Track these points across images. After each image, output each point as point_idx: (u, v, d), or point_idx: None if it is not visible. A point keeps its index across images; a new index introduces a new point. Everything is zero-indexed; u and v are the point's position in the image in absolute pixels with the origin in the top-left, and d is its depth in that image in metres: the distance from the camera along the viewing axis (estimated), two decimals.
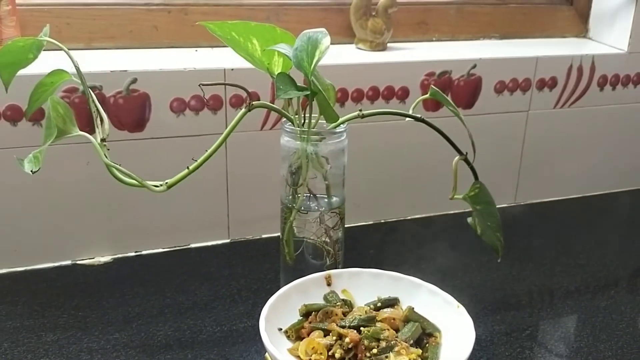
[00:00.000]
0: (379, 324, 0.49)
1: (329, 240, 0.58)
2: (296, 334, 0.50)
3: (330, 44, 0.50)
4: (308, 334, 0.49)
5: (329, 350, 0.47)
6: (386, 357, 0.45)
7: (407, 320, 0.50)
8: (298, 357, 0.48)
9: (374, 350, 0.46)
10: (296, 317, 0.52)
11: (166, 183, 0.52)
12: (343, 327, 0.48)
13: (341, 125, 0.54)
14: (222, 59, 0.70)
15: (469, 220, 0.61)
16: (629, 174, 0.92)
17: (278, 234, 0.61)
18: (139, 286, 0.65)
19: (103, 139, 0.53)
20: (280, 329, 0.50)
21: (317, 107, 0.53)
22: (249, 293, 0.65)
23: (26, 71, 0.55)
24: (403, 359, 0.45)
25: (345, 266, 0.60)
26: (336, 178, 0.57)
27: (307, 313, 0.52)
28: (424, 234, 0.79)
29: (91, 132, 0.53)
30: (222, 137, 0.52)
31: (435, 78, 0.77)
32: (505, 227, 0.61)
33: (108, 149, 0.53)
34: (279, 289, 0.53)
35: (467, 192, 0.60)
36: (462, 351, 0.45)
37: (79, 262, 0.69)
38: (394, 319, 0.50)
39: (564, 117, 0.85)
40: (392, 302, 0.53)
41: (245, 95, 0.67)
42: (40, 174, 0.63)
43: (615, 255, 0.75)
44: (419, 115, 0.57)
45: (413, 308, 0.51)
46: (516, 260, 0.72)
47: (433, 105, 0.77)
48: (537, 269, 0.71)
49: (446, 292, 0.53)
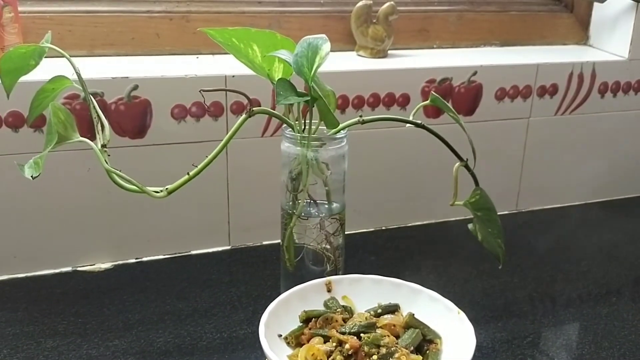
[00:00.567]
0: (379, 331, 0.49)
1: (329, 246, 0.57)
2: (296, 340, 0.50)
3: (330, 50, 0.51)
4: (308, 341, 0.49)
5: (329, 357, 0.46)
6: None
7: (407, 326, 0.50)
8: None
9: (374, 357, 0.46)
10: (296, 323, 0.52)
11: (166, 189, 0.52)
12: (343, 333, 0.48)
13: (341, 131, 0.54)
14: (223, 65, 0.70)
15: (470, 226, 0.61)
16: (630, 181, 0.92)
17: (279, 240, 0.60)
18: (139, 293, 0.65)
19: (104, 145, 0.53)
20: (280, 336, 0.50)
21: (318, 113, 0.53)
22: (249, 300, 0.64)
23: (28, 78, 0.55)
24: None
25: (346, 273, 0.60)
26: (336, 184, 0.57)
27: (307, 319, 0.51)
28: (425, 240, 0.79)
29: (92, 138, 0.53)
30: (222, 143, 0.52)
31: (436, 85, 0.77)
32: (507, 234, 0.60)
33: (109, 155, 0.53)
34: (279, 296, 0.53)
35: (467, 199, 0.59)
36: (462, 358, 0.45)
37: (79, 268, 0.69)
38: (394, 325, 0.50)
39: (565, 124, 0.85)
40: (393, 309, 0.52)
41: (246, 102, 0.68)
42: (41, 180, 0.63)
43: (618, 262, 0.75)
44: (419, 122, 0.57)
45: (413, 314, 0.51)
46: (517, 267, 0.72)
47: (433, 112, 0.77)
48: (538, 276, 0.71)
49: (447, 298, 0.53)
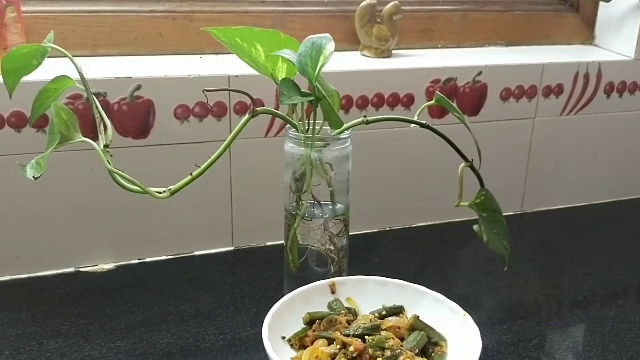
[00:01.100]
0: (383, 333, 0.48)
1: (333, 247, 0.57)
2: (300, 342, 0.50)
3: (334, 50, 0.50)
4: (312, 343, 0.48)
5: (333, 359, 0.46)
6: None
7: (412, 328, 0.49)
8: None
9: (379, 359, 0.45)
10: (300, 325, 0.51)
11: (169, 189, 0.52)
12: (347, 335, 0.48)
13: (345, 131, 0.54)
14: (227, 65, 0.70)
15: (475, 227, 0.61)
16: (636, 182, 0.92)
17: (282, 241, 0.60)
18: (141, 294, 0.65)
19: (106, 145, 0.52)
20: (283, 338, 0.50)
21: (322, 113, 0.53)
22: (252, 301, 0.64)
23: (30, 78, 0.55)
24: None
25: (350, 274, 0.59)
26: (340, 185, 0.57)
27: (310, 321, 0.51)
28: (429, 242, 0.79)
29: (95, 138, 0.53)
30: (225, 143, 0.52)
31: (441, 85, 0.76)
32: (512, 235, 0.60)
33: (111, 155, 0.53)
34: (282, 297, 0.53)
35: (473, 200, 0.59)
36: None
37: (81, 269, 0.69)
38: (399, 327, 0.49)
39: (570, 125, 0.85)
40: (397, 311, 0.52)
41: (249, 102, 0.67)
42: (43, 180, 0.63)
43: (624, 263, 0.74)
44: (424, 122, 0.56)
45: (418, 316, 0.50)
46: (522, 268, 0.72)
47: (438, 112, 0.77)
48: (544, 277, 0.71)
49: (451, 300, 0.52)
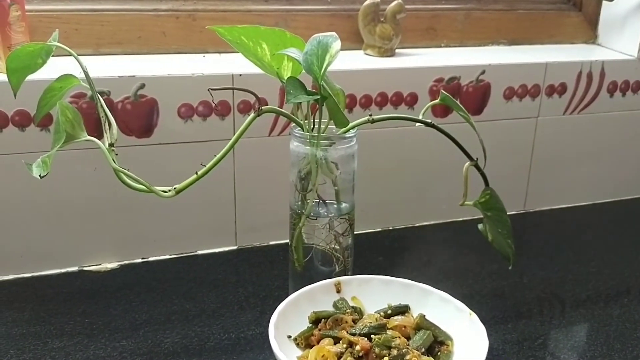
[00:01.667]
0: (389, 332, 0.48)
1: (338, 246, 0.57)
2: (306, 341, 0.50)
3: (340, 48, 0.50)
4: (318, 342, 0.48)
5: (339, 358, 0.46)
6: None
7: (418, 328, 0.49)
8: None
9: (385, 359, 0.45)
10: (305, 324, 0.51)
11: (174, 188, 0.52)
12: (353, 334, 0.48)
13: (351, 130, 0.54)
14: (230, 64, 0.70)
15: (480, 226, 0.61)
16: (639, 181, 0.91)
17: (286, 240, 0.60)
18: (145, 293, 0.65)
19: (111, 144, 0.52)
20: (289, 337, 0.50)
21: (327, 112, 0.53)
22: (257, 300, 0.64)
23: (35, 76, 0.54)
24: None
25: (354, 273, 0.59)
26: (346, 184, 0.57)
27: (316, 320, 0.51)
28: (434, 241, 0.79)
29: (99, 137, 0.53)
30: (231, 142, 0.52)
31: (444, 84, 0.76)
32: (516, 235, 0.60)
33: (116, 154, 0.52)
34: (287, 296, 0.52)
35: (477, 199, 0.59)
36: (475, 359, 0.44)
37: (85, 268, 0.69)
38: (405, 326, 0.49)
39: (573, 124, 0.84)
40: (403, 310, 0.52)
41: (253, 101, 0.67)
42: (47, 179, 0.62)
43: (628, 262, 0.74)
44: (429, 121, 0.56)
45: (424, 315, 0.50)
46: (527, 268, 0.71)
47: (442, 111, 0.77)
48: (548, 276, 0.70)
49: (460, 300, 0.52)
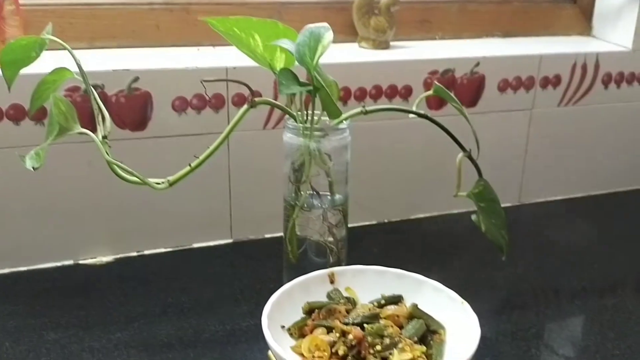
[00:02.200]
0: (382, 321, 0.48)
1: (332, 238, 0.57)
2: (299, 331, 0.50)
3: (332, 39, 0.50)
4: (311, 332, 0.49)
5: (332, 348, 0.46)
6: (390, 354, 0.45)
7: (411, 317, 0.50)
8: (301, 354, 0.47)
9: (378, 347, 0.45)
10: (299, 315, 0.51)
11: (168, 180, 0.52)
12: (346, 324, 0.48)
13: (344, 121, 0.54)
14: (224, 57, 0.70)
15: (473, 217, 0.61)
16: (634, 173, 0.92)
17: (281, 233, 0.60)
18: (141, 286, 0.65)
19: (105, 137, 0.52)
20: (283, 327, 0.50)
21: (320, 103, 0.53)
22: (252, 292, 0.64)
23: (29, 70, 0.54)
24: (407, 355, 0.45)
25: (348, 265, 0.59)
26: (339, 175, 0.57)
27: (310, 310, 0.51)
28: (428, 233, 0.79)
29: (93, 130, 0.53)
30: (224, 134, 0.52)
31: (439, 76, 0.76)
32: (510, 226, 0.60)
33: (110, 147, 0.53)
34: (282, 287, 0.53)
35: (471, 190, 0.59)
36: (467, 348, 0.44)
37: (81, 262, 0.69)
38: (397, 316, 0.49)
39: (568, 116, 0.85)
40: (396, 300, 0.52)
41: (247, 94, 0.67)
42: (42, 173, 0.63)
43: (622, 253, 0.74)
44: (422, 112, 0.56)
45: (417, 305, 0.50)
46: (520, 259, 0.72)
47: (436, 103, 0.77)
48: (542, 267, 0.71)
49: (453, 291, 0.52)
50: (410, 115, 0.57)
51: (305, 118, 0.55)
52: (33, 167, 0.47)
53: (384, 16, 0.78)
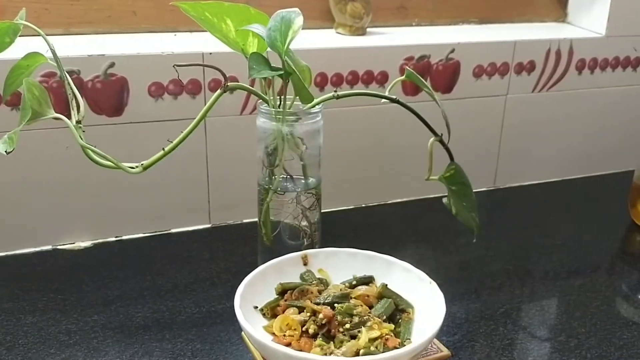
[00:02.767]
0: (353, 301, 0.50)
1: (305, 221, 0.58)
2: (272, 311, 0.51)
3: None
4: (283, 312, 0.50)
5: (303, 327, 0.47)
6: (359, 331, 0.46)
7: (380, 297, 0.51)
8: (273, 333, 0.48)
9: (347, 326, 0.46)
10: (273, 296, 0.52)
11: (142, 164, 0.53)
12: (318, 304, 0.49)
13: (317, 106, 0.55)
14: (201, 43, 0.70)
15: (445, 200, 0.62)
16: (606, 157, 0.94)
17: None
18: (118, 270, 0.65)
19: (79, 121, 0.53)
20: (256, 307, 0.51)
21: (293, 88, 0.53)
22: (228, 275, 0.65)
23: (4, 56, 0.55)
24: (375, 333, 0.46)
25: (323, 247, 0.61)
26: (312, 159, 0.58)
27: (283, 291, 0.52)
28: (404, 217, 0.80)
29: (70, 116, 0.53)
30: (197, 118, 0.52)
31: (414, 62, 0.77)
32: (484, 210, 0.61)
33: (84, 131, 0.53)
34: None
35: (442, 173, 0.60)
36: (433, 326, 0.46)
37: (59, 247, 0.69)
38: (368, 296, 0.50)
39: (542, 101, 0.86)
40: (367, 280, 0.53)
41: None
42: (20, 159, 0.63)
43: (592, 236, 0.76)
44: (394, 97, 0.57)
45: (387, 285, 0.51)
46: (493, 241, 0.73)
47: (412, 89, 0.78)
48: (513, 250, 0.72)
49: (424, 272, 0.53)
50: (383, 100, 0.58)
51: (279, 102, 0.55)
52: (5, 151, 0.48)
53: (360, 2, 0.79)
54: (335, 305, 0.48)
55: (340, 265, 0.55)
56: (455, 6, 0.88)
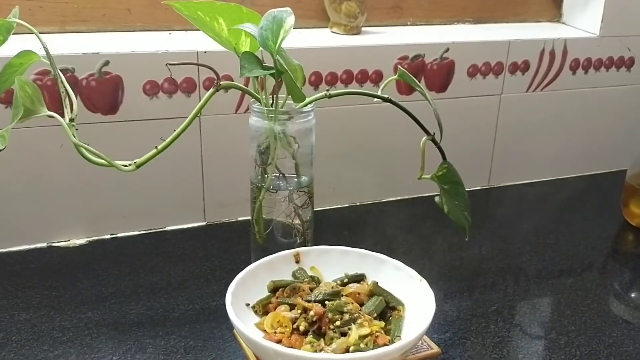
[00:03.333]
0: (343, 298, 0.50)
1: (298, 219, 0.59)
2: (263, 309, 0.51)
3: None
4: (275, 309, 0.50)
5: (294, 324, 0.48)
6: (349, 329, 0.46)
7: (371, 294, 0.51)
8: (264, 331, 0.49)
9: (337, 323, 0.47)
10: (264, 293, 0.53)
11: (135, 162, 0.53)
12: (309, 301, 0.49)
13: (309, 105, 0.55)
14: (195, 42, 0.70)
15: (437, 199, 0.62)
16: (600, 157, 0.94)
17: None
18: (113, 267, 0.66)
19: (72, 119, 0.53)
20: (247, 304, 0.51)
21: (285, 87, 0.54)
22: (222, 273, 0.66)
23: None
24: (365, 330, 0.46)
25: (316, 245, 0.61)
26: (304, 157, 0.58)
27: (275, 289, 0.53)
28: (398, 216, 0.80)
29: (64, 114, 0.53)
30: (190, 116, 0.53)
31: (409, 62, 0.78)
32: (478, 210, 0.62)
33: (77, 129, 0.53)
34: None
35: (435, 172, 0.60)
36: (423, 323, 0.46)
37: (54, 244, 0.70)
38: (359, 293, 0.51)
39: (536, 101, 0.86)
40: (359, 278, 0.54)
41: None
42: (15, 156, 0.63)
43: (584, 235, 0.77)
44: (386, 96, 0.58)
45: (377, 283, 0.52)
46: (486, 240, 0.74)
47: (406, 89, 0.78)
48: (506, 248, 0.73)
49: (416, 271, 0.54)
50: (376, 100, 0.58)
51: (271, 101, 0.56)
52: None
53: (355, 2, 0.79)
54: (326, 302, 0.49)
55: (332, 263, 0.56)
56: (450, 6, 0.88)
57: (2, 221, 0.67)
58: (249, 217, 0.67)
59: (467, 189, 0.59)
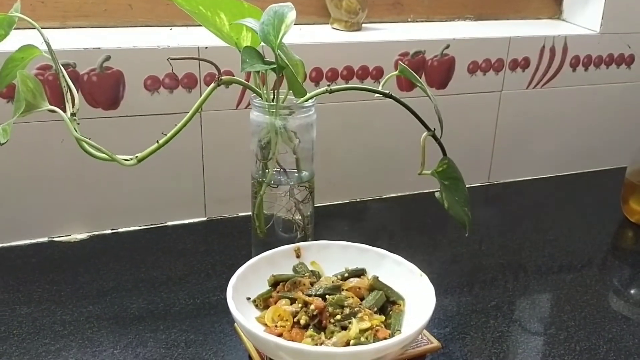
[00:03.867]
0: (344, 293, 0.50)
1: (299, 214, 0.59)
2: (264, 303, 0.51)
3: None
4: (275, 303, 0.50)
5: (294, 317, 0.48)
6: (349, 322, 0.47)
7: (372, 289, 0.51)
8: (265, 324, 0.49)
9: (338, 317, 0.47)
10: (265, 287, 0.53)
11: (136, 157, 0.53)
12: (310, 295, 0.50)
13: (309, 100, 0.55)
14: (197, 37, 0.71)
15: (437, 195, 0.62)
16: (600, 154, 0.94)
17: None
18: (114, 262, 0.66)
19: (73, 114, 0.53)
20: (248, 298, 0.51)
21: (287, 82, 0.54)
22: (223, 268, 0.66)
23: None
24: (366, 324, 0.46)
25: (316, 240, 0.61)
26: (305, 152, 0.58)
27: (275, 283, 0.53)
28: (398, 211, 0.81)
29: (65, 109, 0.54)
30: (191, 111, 0.53)
31: (409, 58, 0.78)
32: (478, 206, 0.62)
33: (78, 124, 0.53)
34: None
35: (435, 168, 0.61)
36: (423, 317, 0.46)
37: (55, 239, 0.70)
38: (359, 288, 0.51)
39: (536, 98, 0.87)
40: (359, 273, 0.54)
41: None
42: (16, 151, 0.64)
43: (584, 232, 0.77)
44: (387, 92, 0.58)
45: (378, 277, 0.52)
46: (486, 236, 0.74)
47: (407, 85, 0.78)
48: (506, 244, 0.73)
49: (416, 266, 0.54)
50: (376, 95, 0.58)
51: (272, 96, 0.56)
52: (0, 143, 0.48)
53: None
54: (327, 296, 0.49)
55: (332, 257, 0.56)
56: (450, 2, 0.88)
57: (3, 215, 0.67)
58: (250, 213, 0.67)
59: (467, 185, 0.59)
